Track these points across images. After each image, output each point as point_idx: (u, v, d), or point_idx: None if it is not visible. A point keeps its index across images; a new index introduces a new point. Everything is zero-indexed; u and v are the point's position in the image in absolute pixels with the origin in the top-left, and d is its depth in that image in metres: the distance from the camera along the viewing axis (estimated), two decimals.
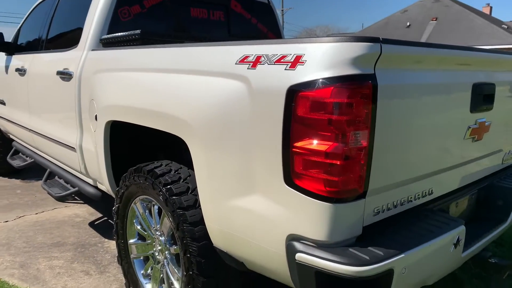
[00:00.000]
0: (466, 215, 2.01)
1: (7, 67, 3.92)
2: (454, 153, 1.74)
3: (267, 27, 3.55)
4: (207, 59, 1.68)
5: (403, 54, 1.36)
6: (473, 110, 1.74)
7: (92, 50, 2.60)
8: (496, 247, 3.16)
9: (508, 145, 2.25)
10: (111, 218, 3.56)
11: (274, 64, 1.37)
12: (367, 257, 1.26)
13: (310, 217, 1.32)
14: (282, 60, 1.35)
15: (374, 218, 1.42)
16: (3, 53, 4.10)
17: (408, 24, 29.00)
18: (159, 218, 2.06)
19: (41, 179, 3.50)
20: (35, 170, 4.83)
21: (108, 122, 2.27)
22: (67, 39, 2.98)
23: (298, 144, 1.30)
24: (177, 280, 1.98)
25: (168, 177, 1.90)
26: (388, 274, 1.29)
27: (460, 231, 1.55)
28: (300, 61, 1.30)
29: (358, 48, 1.23)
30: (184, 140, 1.72)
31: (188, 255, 1.78)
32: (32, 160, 3.92)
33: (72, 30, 2.98)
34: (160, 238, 2.08)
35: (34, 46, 3.59)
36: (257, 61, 1.43)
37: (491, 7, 37.51)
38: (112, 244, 3.08)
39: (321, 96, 1.24)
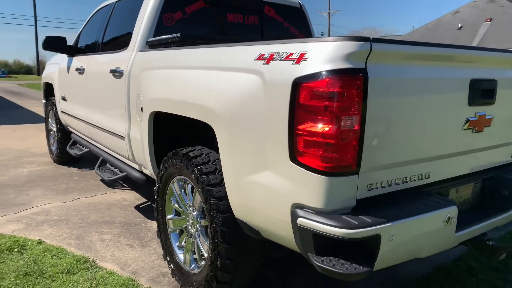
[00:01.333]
0: (469, 202, 2.16)
1: (68, 68, 4.45)
2: (452, 142, 1.91)
3: (299, 30, 3.81)
4: (231, 57, 1.98)
5: (393, 51, 1.58)
6: (472, 104, 1.91)
7: (140, 51, 2.98)
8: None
9: None
10: (153, 202, 3.96)
11: (283, 60, 1.64)
12: (356, 223, 1.49)
13: (310, 188, 1.57)
14: (289, 57, 1.62)
15: (368, 193, 1.64)
16: (66, 55, 4.64)
17: (459, 25, 27.91)
18: (192, 196, 2.38)
19: (94, 168, 3.96)
20: (89, 160, 5.39)
21: (152, 113, 2.64)
22: (119, 42, 3.39)
23: (301, 127, 1.56)
24: (206, 249, 2.29)
25: (200, 159, 2.22)
26: (375, 239, 1.51)
27: (451, 210, 1.73)
28: (303, 57, 1.56)
29: (351, 46, 1.47)
30: (212, 126, 2.03)
31: (214, 225, 2.08)
32: (87, 149, 4.42)
33: (123, 34, 3.39)
34: (193, 213, 2.40)
35: (91, 49, 4.07)
36: (270, 58, 1.70)
37: None
38: (153, 224, 3.46)
39: (319, 86, 1.50)
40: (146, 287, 2.51)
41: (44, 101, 5.75)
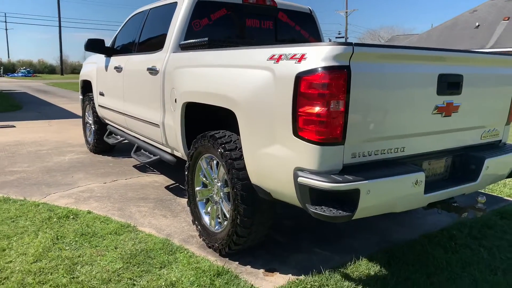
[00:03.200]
0: (442, 173, 2.66)
1: (106, 66, 5.07)
2: (423, 123, 2.41)
3: (308, 33, 4.33)
4: (249, 57, 2.53)
5: (370, 53, 2.10)
6: (440, 93, 2.40)
7: (173, 52, 3.56)
8: (500, 219, 3.68)
9: (487, 125, 2.84)
10: (181, 184, 4.56)
11: (289, 59, 2.18)
12: (341, 179, 2.02)
13: (308, 155, 2.10)
14: (293, 57, 2.15)
15: (352, 160, 2.16)
16: (103, 56, 5.27)
17: (477, 24, 27.82)
18: (217, 170, 2.94)
19: (126, 157, 4.56)
20: (121, 150, 6.04)
21: (184, 103, 3.21)
22: (154, 44, 3.98)
23: (301, 109, 2.09)
24: (227, 211, 2.85)
25: (224, 140, 2.78)
26: (355, 192, 2.03)
27: (419, 175, 2.24)
28: (304, 57, 2.10)
29: (338, 49, 2.00)
30: (234, 112, 2.58)
31: (235, 190, 2.64)
32: (123, 138, 5.04)
33: (158, 38, 3.97)
34: (217, 184, 2.96)
35: (128, 50, 4.68)
36: (279, 58, 2.25)
37: None
38: (182, 200, 4.05)
39: (314, 79, 2.03)
40: (179, 245, 3.08)
41: (81, 96, 6.41)
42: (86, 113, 6.21)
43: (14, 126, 8.60)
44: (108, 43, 5.29)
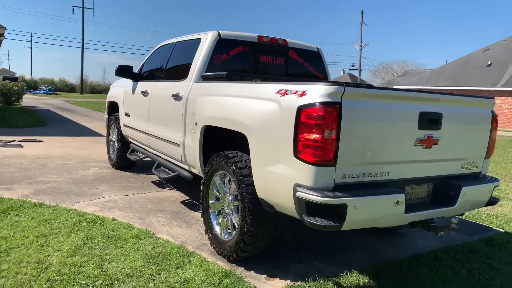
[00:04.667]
0: (423, 197, 3.06)
1: (133, 90, 5.64)
2: (405, 153, 2.83)
3: (315, 69, 4.84)
4: (260, 90, 3.02)
5: (358, 92, 2.56)
6: (421, 128, 2.84)
7: (196, 82, 4.08)
8: (486, 246, 4.02)
9: (467, 157, 3.25)
10: (195, 199, 5.01)
11: (293, 94, 2.66)
12: (332, 195, 2.45)
13: (305, 174, 2.54)
14: (296, 93, 2.63)
15: (342, 180, 2.59)
16: (130, 80, 5.85)
17: (489, 63, 28.28)
18: (229, 185, 3.39)
19: (145, 174, 5.03)
20: (141, 167, 6.54)
21: (203, 126, 3.70)
22: (179, 74, 4.51)
23: (301, 135, 2.55)
24: (236, 222, 3.27)
25: (236, 159, 3.24)
26: (343, 206, 2.45)
27: (400, 196, 2.65)
28: (304, 93, 2.57)
29: (332, 88, 2.48)
30: (246, 135, 3.05)
31: (244, 203, 3.07)
32: (145, 156, 5.55)
33: (182, 68, 4.51)
34: (229, 198, 3.40)
35: (154, 77, 5.25)
36: (285, 93, 2.73)
37: None
38: (196, 214, 4.48)
39: (312, 111, 2.49)
40: (192, 251, 3.50)
41: (107, 116, 6.99)
42: (111, 132, 6.76)
43: (42, 141, 9.21)
44: (135, 69, 5.88)
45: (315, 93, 2.51)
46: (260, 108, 2.93)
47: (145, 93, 5.17)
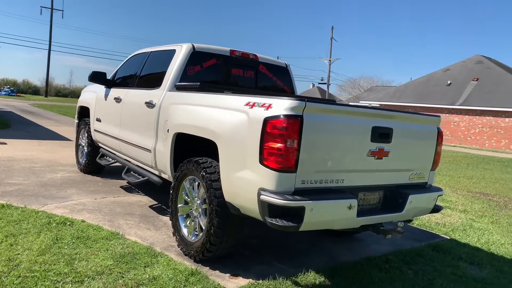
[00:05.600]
0: (375, 203, 3.39)
1: (106, 96, 5.75)
2: (359, 163, 3.15)
3: (283, 83, 5.16)
4: (230, 102, 3.27)
5: (318, 107, 2.86)
6: (373, 141, 3.17)
7: (169, 91, 4.28)
8: (432, 251, 4.40)
9: (415, 169, 3.61)
10: (163, 204, 5.16)
11: (260, 107, 2.92)
12: (291, 198, 2.72)
13: (269, 179, 2.80)
14: (263, 105, 2.90)
15: (301, 185, 2.86)
16: (103, 86, 5.96)
17: (449, 82, 29.87)
18: (198, 190, 3.60)
19: (113, 179, 5.14)
20: (109, 172, 6.61)
21: (175, 133, 3.90)
22: (152, 82, 4.69)
23: (266, 144, 2.81)
24: (204, 224, 3.48)
25: (205, 165, 3.45)
26: (301, 209, 2.72)
27: (352, 201, 2.95)
28: (270, 106, 2.84)
29: (295, 103, 2.76)
30: (215, 142, 3.28)
31: (211, 206, 3.29)
32: (114, 161, 5.65)
33: (156, 77, 4.69)
34: (197, 201, 3.60)
35: (128, 84, 5.40)
36: (253, 105, 2.99)
37: None
38: (163, 218, 4.64)
39: (277, 123, 2.76)
40: (160, 252, 3.66)
41: (77, 121, 7.02)
42: (80, 136, 6.79)
43: (6, 143, 9.05)
44: (108, 75, 6.00)
45: (280, 106, 2.79)
46: (230, 118, 3.18)
47: (118, 100, 5.30)
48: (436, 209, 3.75)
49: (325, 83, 45.77)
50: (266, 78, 4.99)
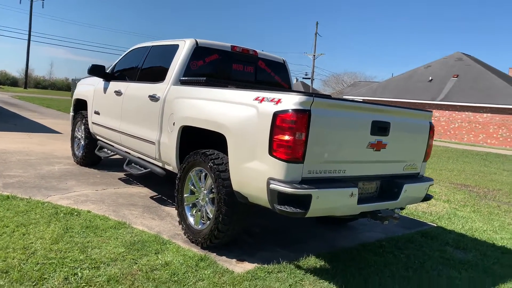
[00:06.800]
0: (373, 192, 3.63)
1: (105, 89, 5.83)
2: (359, 154, 3.37)
3: (281, 78, 5.35)
4: (240, 96, 3.44)
5: (325, 102, 3.06)
6: (373, 134, 3.39)
7: (173, 85, 4.42)
8: (421, 237, 4.69)
9: (408, 160, 3.87)
10: (164, 195, 5.31)
11: (269, 101, 3.11)
12: (299, 187, 2.92)
13: (278, 169, 2.99)
14: (273, 100, 3.09)
15: (308, 175, 3.07)
16: (101, 79, 6.03)
17: (430, 78, 30.59)
18: (205, 180, 3.77)
19: (111, 171, 5.25)
20: (106, 164, 6.70)
21: (181, 127, 4.05)
22: (155, 76, 4.81)
23: (275, 137, 3.00)
24: (211, 212, 3.65)
25: (213, 156, 3.62)
26: (308, 197, 2.93)
27: (353, 189, 3.18)
28: (280, 101, 3.03)
29: (304, 98, 2.95)
30: (224, 135, 3.45)
31: (219, 195, 3.47)
32: (114, 153, 5.75)
33: (159, 71, 4.82)
34: (204, 191, 3.78)
35: (128, 77, 5.49)
36: (262, 99, 3.17)
37: None
38: (166, 208, 4.79)
39: (286, 117, 2.96)
40: (168, 239, 3.82)
41: (72, 113, 7.06)
42: (77, 129, 6.84)
43: None
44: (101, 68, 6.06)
45: (289, 101, 2.98)
46: (239, 112, 3.35)
47: (118, 93, 5.40)
48: (427, 197, 4.02)
49: (309, 78, 46.17)
50: (265, 73, 5.17)
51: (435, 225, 5.32)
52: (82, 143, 6.60)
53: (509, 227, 5.63)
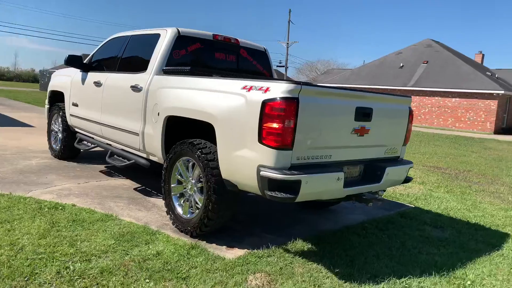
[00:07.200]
0: (357, 176, 3.75)
1: (83, 80, 5.70)
2: (344, 140, 3.48)
3: (262, 67, 5.38)
4: (228, 85, 3.47)
5: (312, 90, 3.13)
6: (356, 120, 3.50)
7: (156, 75, 4.38)
8: (400, 218, 4.88)
9: (389, 144, 4.01)
10: (147, 187, 5.29)
11: (258, 90, 3.15)
12: (289, 173, 3.00)
13: (268, 156, 3.05)
14: (261, 89, 3.13)
15: (297, 161, 3.15)
16: (78, 70, 5.89)
17: (401, 65, 31.26)
18: (192, 169, 3.79)
19: (90, 164, 5.17)
20: (84, 158, 6.59)
21: (166, 117, 4.04)
22: (137, 66, 4.75)
23: (265, 125, 3.05)
24: (199, 202, 3.69)
25: (201, 146, 3.65)
26: (298, 182, 3.01)
27: (340, 174, 3.28)
28: (268, 89, 3.08)
29: (292, 86, 3.01)
30: (212, 124, 3.47)
31: (209, 184, 3.51)
32: (95, 145, 5.66)
33: (141, 61, 4.75)
34: (192, 181, 3.80)
35: (108, 68, 5.39)
36: (250, 88, 3.21)
37: (483, 55, 40.03)
38: (152, 199, 4.79)
39: (275, 105, 3.01)
40: (156, 230, 3.84)
41: (48, 106, 6.87)
42: (53, 122, 6.67)
43: None
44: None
45: (278, 89, 3.03)
46: (227, 101, 3.38)
47: (98, 84, 5.30)
48: (407, 179, 4.19)
49: (283, 66, 46.21)
50: (247, 62, 5.19)
51: (413, 206, 5.54)
52: (60, 136, 6.45)
53: (481, 205, 5.93)
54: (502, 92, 25.42)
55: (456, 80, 27.44)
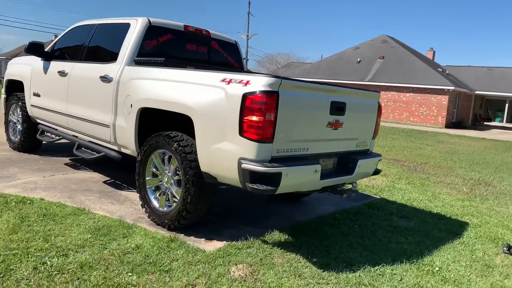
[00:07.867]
0: (331, 168, 3.88)
1: (45, 69, 5.45)
2: (320, 133, 3.58)
3: (233, 59, 5.39)
4: (205, 77, 3.46)
5: (291, 84, 3.20)
6: (331, 114, 3.61)
7: (127, 65, 4.28)
8: (368, 209, 5.09)
9: (360, 138, 4.17)
10: (117, 180, 5.18)
11: (237, 83, 3.17)
12: (270, 165, 3.06)
13: (249, 149, 3.10)
14: (241, 82, 3.15)
15: (276, 154, 3.21)
16: (39, 59, 5.63)
17: (358, 59, 32.16)
18: (169, 162, 3.76)
19: (54, 156, 4.99)
20: (46, 150, 6.33)
21: (139, 109, 3.96)
22: (106, 56, 4.62)
23: (245, 118, 3.09)
24: (177, 194, 3.68)
25: (178, 138, 3.62)
26: (278, 174, 3.08)
27: (317, 166, 3.39)
28: (249, 83, 3.11)
29: (272, 80, 3.06)
30: (191, 117, 3.46)
31: (187, 177, 3.50)
32: (59, 137, 5.44)
33: (110, 51, 4.62)
34: (168, 174, 3.77)
35: (73, 57, 5.18)
36: (230, 81, 3.23)
37: (434, 51, 41.90)
38: (123, 193, 4.70)
39: (256, 98, 3.05)
40: (132, 223, 3.79)
41: (4, 95, 6.51)
42: (11, 112, 6.34)
43: None
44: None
45: (258, 83, 3.07)
46: (205, 93, 3.38)
47: (62, 73, 5.09)
48: (377, 171, 4.38)
49: (243, 58, 46.18)
50: (218, 54, 5.18)
51: (379, 197, 5.79)
52: (19, 127, 6.15)
53: (440, 196, 6.30)
54: (453, 88, 26.84)
55: (411, 75, 28.64)
